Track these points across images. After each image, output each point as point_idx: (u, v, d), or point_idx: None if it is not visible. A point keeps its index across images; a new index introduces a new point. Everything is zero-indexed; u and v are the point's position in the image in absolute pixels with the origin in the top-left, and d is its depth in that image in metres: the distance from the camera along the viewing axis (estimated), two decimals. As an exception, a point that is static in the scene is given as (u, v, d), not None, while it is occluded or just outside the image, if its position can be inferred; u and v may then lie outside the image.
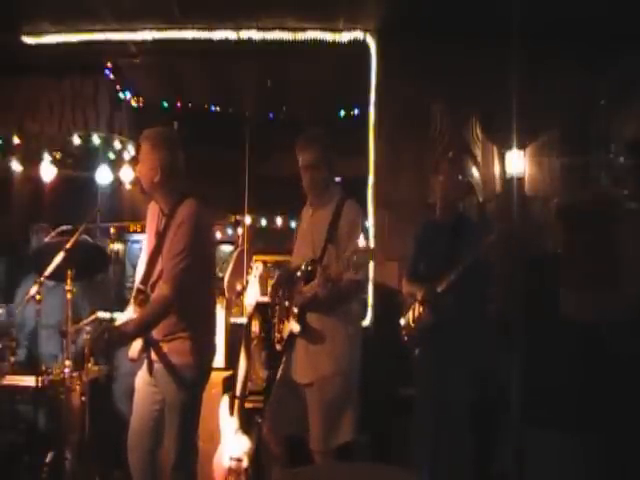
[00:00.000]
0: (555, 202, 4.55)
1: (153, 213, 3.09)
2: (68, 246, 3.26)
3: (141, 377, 3.02)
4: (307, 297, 3.06)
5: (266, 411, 3.30)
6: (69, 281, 3.44)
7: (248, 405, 3.93)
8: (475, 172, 4.81)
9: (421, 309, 3.64)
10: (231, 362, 4.24)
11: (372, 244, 2.89)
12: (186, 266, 2.82)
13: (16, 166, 5.78)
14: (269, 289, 3.56)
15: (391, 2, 4.52)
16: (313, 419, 3.07)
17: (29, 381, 3.47)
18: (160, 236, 2.96)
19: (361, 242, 2.78)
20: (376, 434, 4.25)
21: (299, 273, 3.13)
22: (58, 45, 4.98)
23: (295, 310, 3.11)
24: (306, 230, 3.28)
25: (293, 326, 3.10)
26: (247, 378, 3.89)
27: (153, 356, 2.95)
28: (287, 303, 3.19)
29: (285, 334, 3.16)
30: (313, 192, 3.24)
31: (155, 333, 2.92)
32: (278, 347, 3.22)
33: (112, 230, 5.15)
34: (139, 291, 2.97)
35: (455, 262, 3.45)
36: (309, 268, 3.07)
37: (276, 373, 3.30)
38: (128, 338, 2.89)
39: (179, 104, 5.63)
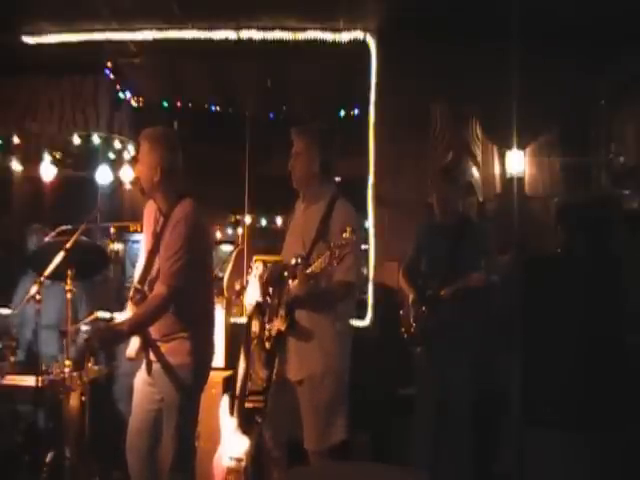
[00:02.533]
0: (555, 202, 4.56)
1: (150, 212, 3.09)
2: (68, 246, 3.26)
3: (140, 377, 3.02)
4: (293, 293, 3.05)
5: (266, 413, 3.29)
6: (69, 281, 3.44)
7: (248, 405, 3.93)
8: (475, 172, 4.82)
9: (419, 310, 3.64)
10: (231, 362, 4.24)
11: (357, 239, 2.83)
12: (182, 265, 2.82)
13: (16, 166, 5.78)
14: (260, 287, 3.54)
15: (391, 2, 4.52)
16: (305, 418, 3.07)
17: (29, 381, 3.47)
18: (157, 236, 2.96)
19: (345, 233, 2.74)
20: (376, 434, 4.26)
21: (287, 270, 3.11)
22: (58, 45, 4.99)
23: (283, 307, 3.10)
24: (297, 226, 3.25)
25: (280, 323, 3.09)
26: (247, 378, 3.89)
27: (152, 356, 2.95)
28: (276, 301, 3.18)
29: (274, 332, 3.15)
30: (297, 183, 3.19)
31: (154, 333, 2.92)
32: (267, 345, 3.20)
33: (112, 230, 5.14)
34: (136, 290, 2.98)
35: (458, 265, 3.47)
36: (297, 265, 3.04)
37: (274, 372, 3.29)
38: (124, 336, 2.89)
39: (179, 104, 5.62)
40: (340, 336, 3.12)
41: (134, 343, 2.95)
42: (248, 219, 5.86)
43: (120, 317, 3.11)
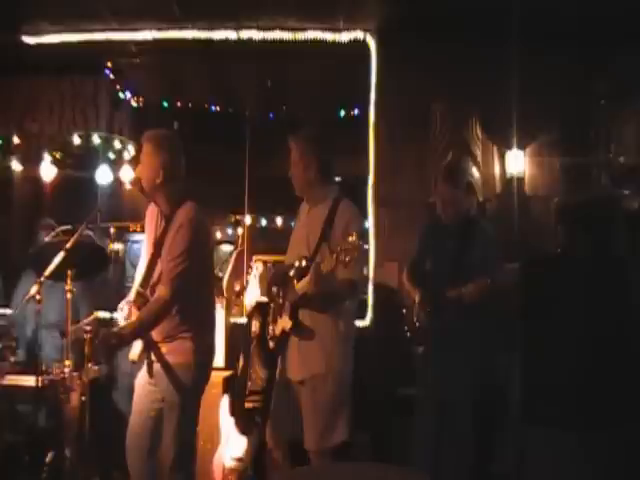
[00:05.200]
0: (555, 202, 4.55)
1: (152, 215, 3.09)
2: (68, 246, 3.26)
3: (141, 377, 3.02)
4: (299, 294, 3.05)
5: (268, 414, 3.29)
6: (69, 281, 3.44)
7: (248, 405, 3.93)
8: (475, 172, 4.81)
9: (423, 310, 3.64)
10: (231, 362, 4.25)
11: (362, 242, 2.85)
12: (184, 269, 2.83)
13: (16, 166, 5.78)
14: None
15: (391, 2, 4.52)
16: (306, 418, 3.07)
17: (29, 381, 3.47)
18: (159, 239, 2.97)
19: (353, 237, 2.76)
20: (376, 434, 4.26)
21: (292, 270, 3.12)
22: (58, 45, 4.99)
23: (287, 307, 3.11)
24: (302, 227, 3.27)
25: (285, 323, 3.10)
26: (247, 378, 3.89)
27: (153, 357, 2.95)
28: (280, 301, 3.19)
29: (278, 332, 3.16)
30: (298, 189, 3.24)
31: (155, 334, 2.92)
32: (271, 344, 3.21)
33: (112, 230, 5.15)
34: (139, 294, 2.98)
35: (463, 266, 3.46)
36: (302, 265, 3.05)
37: (275, 373, 3.30)
38: (127, 341, 2.90)
39: (179, 104, 5.62)
40: (343, 337, 3.12)
41: (137, 346, 2.95)
42: (248, 219, 5.86)
43: (117, 316, 3.12)
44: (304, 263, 3.04)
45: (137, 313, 2.94)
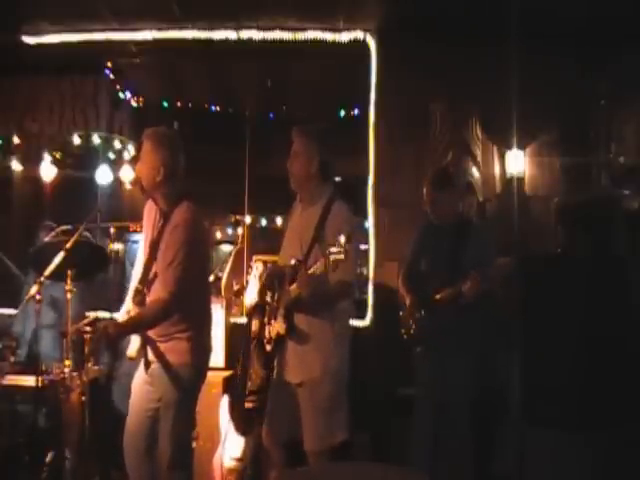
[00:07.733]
0: (555, 202, 4.55)
1: (150, 213, 3.10)
2: (68, 246, 3.26)
3: (138, 376, 3.03)
4: (292, 297, 3.05)
5: (264, 415, 3.30)
6: (69, 281, 3.44)
7: (248, 405, 3.93)
8: (475, 172, 4.82)
9: (418, 312, 3.64)
10: (231, 362, 4.24)
11: (352, 244, 2.84)
12: (182, 270, 2.83)
13: (16, 166, 5.78)
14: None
15: (391, 2, 4.52)
16: (305, 420, 3.08)
17: (29, 381, 3.47)
18: (156, 237, 2.97)
19: (341, 240, 2.75)
20: (376, 434, 4.26)
21: (286, 272, 3.12)
22: (58, 45, 4.99)
23: (282, 310, 3.10)
24: (294, 228, 3.26)
25: (279, 326, 3.09)
26: (247, 378, 3.89)
27: (150, 355, 2.95)
28: (275, 303, 3.19)
29: (273, 335, 3.16)
30: (294, 183, 3.21)
31: (152, 333, 2.92)
32: (268, 348, 3.21)
33: (112, 230, 5.15)
34: (137, 291, 2.98)
35: (458, 267, 3.45)
36: (295, 267, 3.05)
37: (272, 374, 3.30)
38: (125, 333, 2.91)
39: (179, 104, 5.63)
40: (339, 338, 3.12)
41: (134, 343, 2.95)
42: (248, 219, 5.86)
43: (118, 316, 3.12)
44: (297, 265, 3.04)
45: (136, 309, 2.94)
